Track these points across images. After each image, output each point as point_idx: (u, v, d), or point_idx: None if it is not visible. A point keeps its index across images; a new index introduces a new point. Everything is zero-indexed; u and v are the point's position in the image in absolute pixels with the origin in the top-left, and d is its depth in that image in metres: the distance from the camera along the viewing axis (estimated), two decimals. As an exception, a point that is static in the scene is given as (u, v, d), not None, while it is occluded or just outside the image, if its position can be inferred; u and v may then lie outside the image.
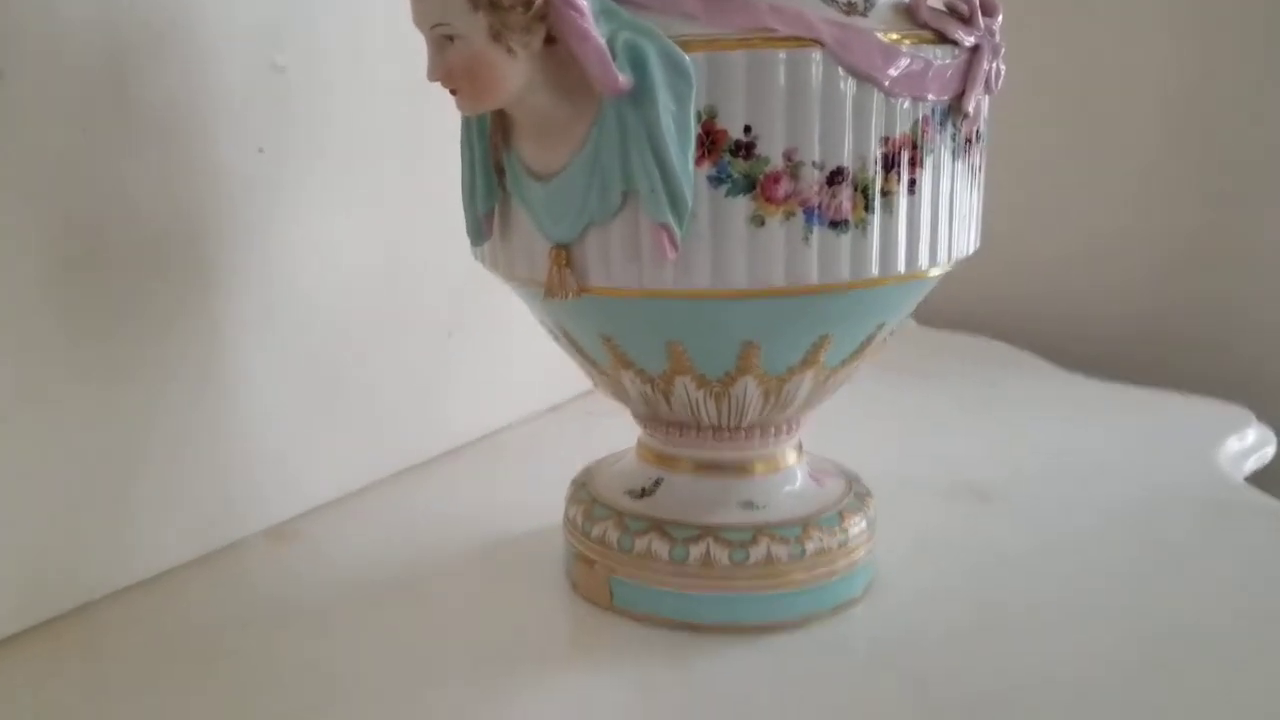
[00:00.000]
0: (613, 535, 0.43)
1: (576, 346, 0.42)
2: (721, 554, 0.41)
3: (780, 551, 0.42)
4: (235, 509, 0.51)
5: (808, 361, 0.39)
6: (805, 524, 0.42)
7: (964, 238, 0.40)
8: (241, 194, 0.48)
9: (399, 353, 0.58)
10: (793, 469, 0.45)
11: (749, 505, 0.43)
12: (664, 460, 0.45)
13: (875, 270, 0.36)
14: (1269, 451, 0.65)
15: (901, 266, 0.37)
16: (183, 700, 0.38)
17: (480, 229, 0.39)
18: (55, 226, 0.41)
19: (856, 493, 0.46)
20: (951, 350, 0.82)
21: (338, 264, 0.53)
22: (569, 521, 0.45)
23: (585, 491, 0.46)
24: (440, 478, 0.59)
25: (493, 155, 0.38)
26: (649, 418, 0.44)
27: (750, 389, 0.40)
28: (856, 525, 0.44)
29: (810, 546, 0.42)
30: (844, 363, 0.40)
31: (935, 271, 0.39)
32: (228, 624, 0.43)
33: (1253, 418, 0.67)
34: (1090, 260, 0.85)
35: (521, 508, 0.52)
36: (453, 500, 0.55)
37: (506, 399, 0.66)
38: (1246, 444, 0.64)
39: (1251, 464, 0.63)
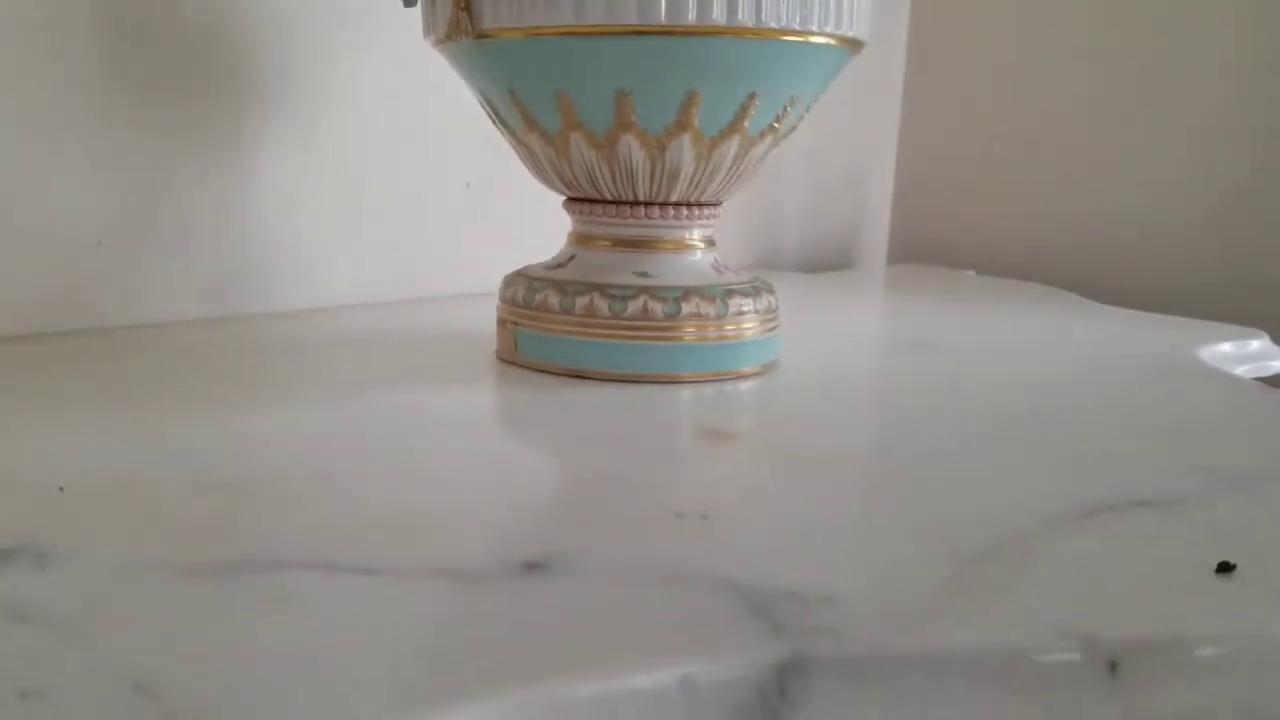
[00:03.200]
0: (520, 294, 0.48)
1: (502, 118, 0.47)
2: (603, 305, 0.46)
3: (656, 308, 0.46)
4: (248, 285, 0.59)
5: (682, 124, 0.43)
6: (688, 291, 0.46)
7: (849, 15, 0.43)
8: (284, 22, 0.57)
9: (417, 193, 0.66)
10: (697, 255, 0.49)
11: (643, 274, 0.47)
12: (583, 239, 0.50)
13: (748, 19, 0.40)
14: (1273, 365, 0.62)
15: (774, 21, 0.41)
16: (174, 388, 0.46)
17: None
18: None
19: (756, 286, 0.49)
20: (1007, 292, 0.80)
21: (365, 99, 0.62)
22: (498, 300, 0.51)
23: (516, 274, 0.51)
24: (446, 307, 0.65)
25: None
26: (568, 187, 0.49)
27: (634, 151, 0.44)
28: (743, 306, 0.47)
29: (687, 308, 0.46)
30: (722, 135, 0.44)
31: (816, 40, 0.42)
32: (219, 353, 0.51)
33: (1265, 336, 0.64)
34: (1145, 209, 0.83)
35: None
36: (449, 318, 0.62)
37: (519, 251, 0.72)
38: (1246, 350, 0.62)
39: (1247, 370, 0.61)
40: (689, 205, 0.48)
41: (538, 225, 0.60)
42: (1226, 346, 0.61)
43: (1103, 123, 0.85)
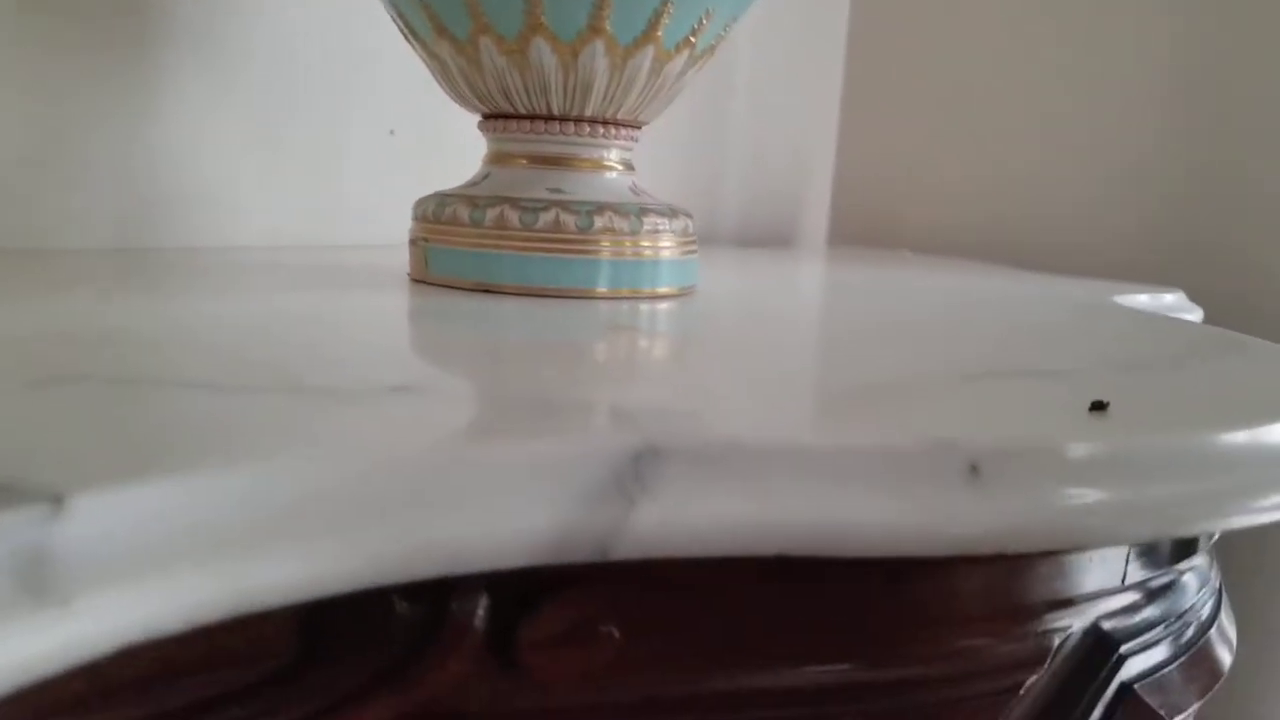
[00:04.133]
0: (430, 210, 0.47)
1: (413, 28, 0.47)
2: (514, 217, 0.45)
3: (569, 220, 0.45)
4: (157, 219, 0.58)
5: (594, 28, 0.43)
6: (602, 205, 0.46)
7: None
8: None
9: (337, 140, 0.65)
10: (614, 175, 0.49)
11: (557, 190, 0.47)
12: (498, 158, 0.49)
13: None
14: (1186, 317, 0.63)
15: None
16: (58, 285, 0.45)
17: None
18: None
19: (673, 209, 0.49)
20: (945, 264, 0.81)
21: (289, 41, 0.61)
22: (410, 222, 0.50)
23: (428, 195, 0.50)
24: (364, 255, 0.64)
25: None
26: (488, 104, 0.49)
27: (545, 57, 0.44)
28: (659, 224, 0.47)
29: (600, 222, 0.45)
30: (636, 43, 0.44)
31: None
32: (121, 270, 0.50)
33: (1182, 293, 0.65)
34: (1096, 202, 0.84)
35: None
36: (366, 258, 0.61)
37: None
38: (1161, 303, 0.63)
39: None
40: (605, 123, 0.48)
41: (463, 177, 0.59)
42: (1143, 298, 0.62)
43: (1045, 106, 0.86)
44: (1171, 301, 0.64)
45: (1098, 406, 0.27)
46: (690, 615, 0.26)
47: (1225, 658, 0.38)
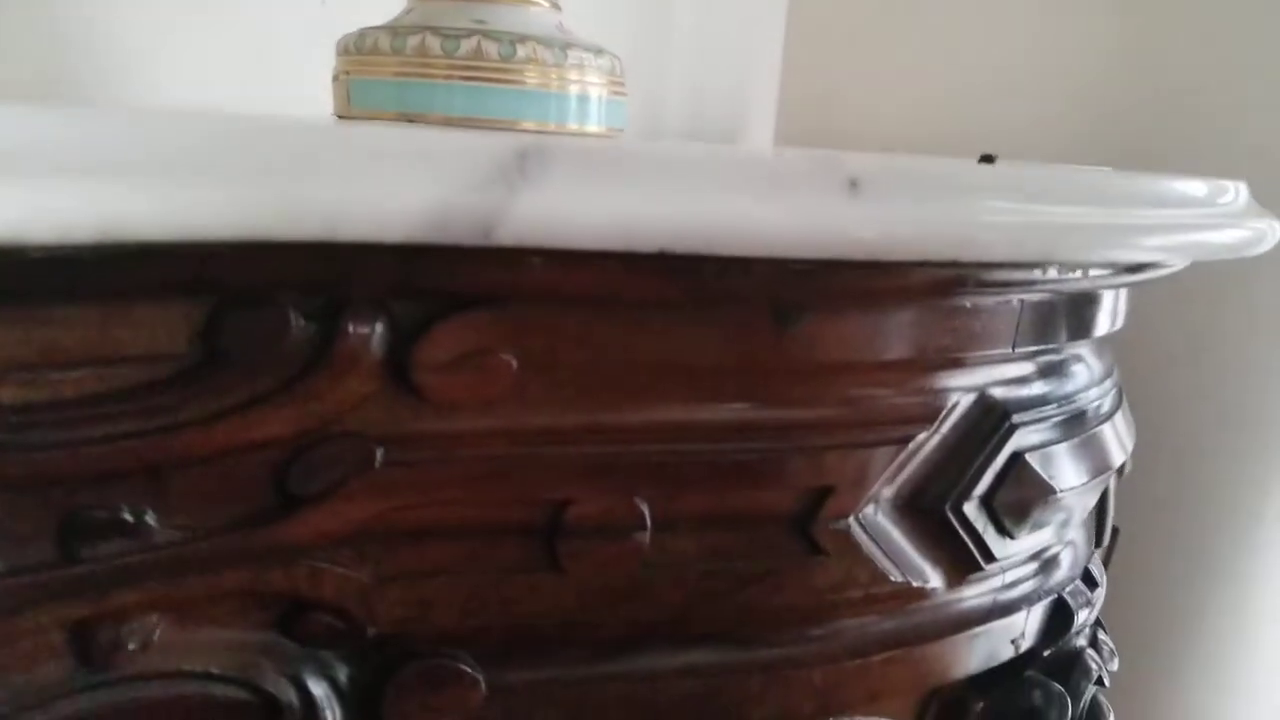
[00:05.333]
0: (351, 43, 0.47)
1: None
2: (435, 44, 0.45)
3: (491, 48, 0.45)
4: (80, 76, 0.57)
5: None
6: (525, 36, 0.46)
7: None
8: None
9: (266, 3, 0.64)
10: (540, 10, 0.48)
11: (480, 21, 0.47)
12: (424, -2, 0.49)
13: None
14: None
15: None
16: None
17: None
18: None
19: (600, 48, 0.49)
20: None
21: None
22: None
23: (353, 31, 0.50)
24: (291, 106, 0.64)
25: None
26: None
27: (467, -121, 0.44)
28: (585, 59, 0.47)
29: (523, 51, 0.45)
30: None
31: None
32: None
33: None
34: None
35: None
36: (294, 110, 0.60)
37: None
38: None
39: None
40: (530, -41, 0.47)
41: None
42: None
43: (995, 7, 0.87)
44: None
45: (986, 159, 0.28)
46: (587, 354, 0.27)
47: (1117, 455, 0.39)
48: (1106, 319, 0.37)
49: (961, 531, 0.32)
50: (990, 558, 0.33)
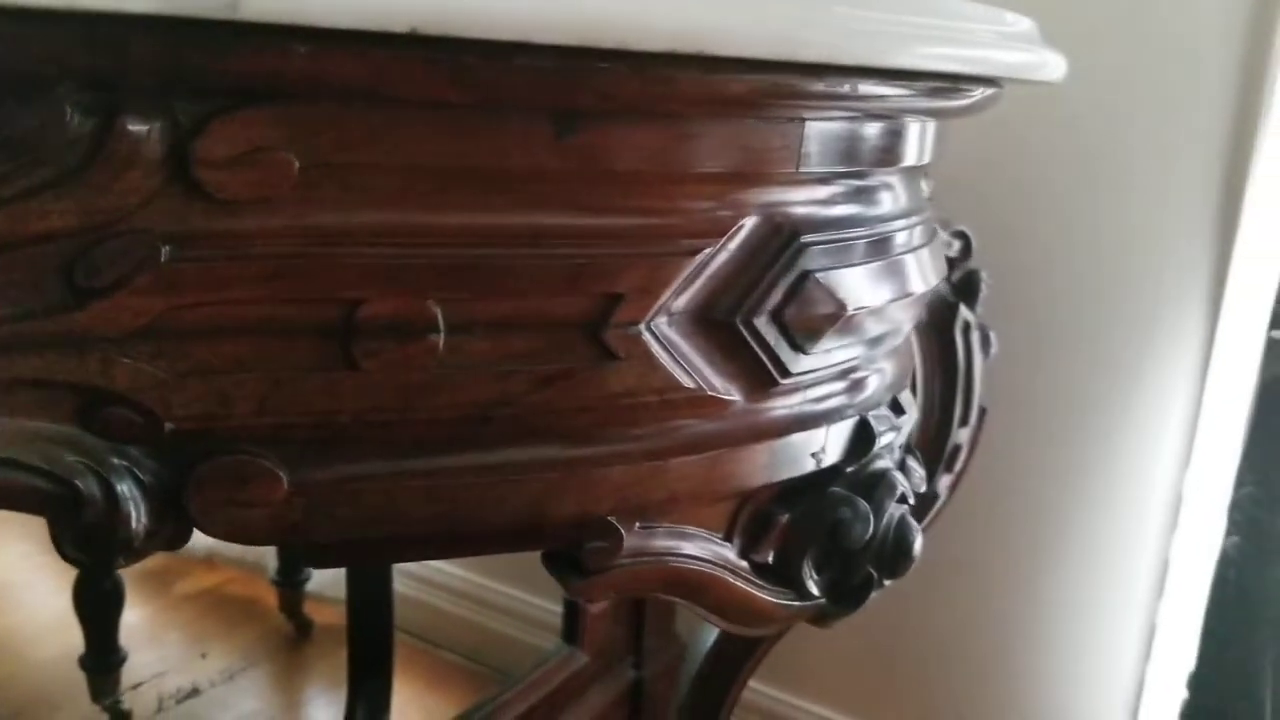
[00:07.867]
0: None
1: None
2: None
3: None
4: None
5: None
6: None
7: None
8: None
9: None
10: None
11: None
12: None
13: None
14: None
15: None
16: None
17: None
18: None
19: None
20: None
21: None
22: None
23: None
24: None
25: None
26: None
27: None
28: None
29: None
30: None
31: None
32: None
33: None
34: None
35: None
36: None
37: None
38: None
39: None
40: None
41: None
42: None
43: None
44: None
45: None
46: (374, 155, 0.28)
47: (918, 284, 0.41)
48: (913, 150, 0.39)
49: (753, 344, 0.34)
50: (785, 372, 0.36)
